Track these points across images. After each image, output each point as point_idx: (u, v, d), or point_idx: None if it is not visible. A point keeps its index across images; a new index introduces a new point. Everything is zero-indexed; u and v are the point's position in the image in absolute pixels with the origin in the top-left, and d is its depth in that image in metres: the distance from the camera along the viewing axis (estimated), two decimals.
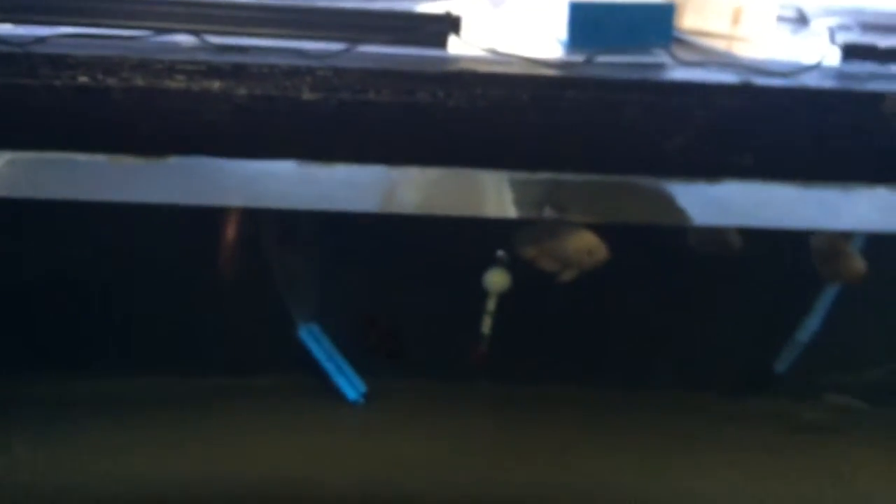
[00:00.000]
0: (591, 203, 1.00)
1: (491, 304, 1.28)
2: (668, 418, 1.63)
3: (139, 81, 0.90)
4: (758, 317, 1.62)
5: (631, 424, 1.61)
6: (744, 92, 0.95)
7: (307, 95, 0.92)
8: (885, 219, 1.02)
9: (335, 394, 1.63)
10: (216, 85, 0.91)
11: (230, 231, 1.58)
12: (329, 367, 1.64)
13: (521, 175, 0.97)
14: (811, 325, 1.60)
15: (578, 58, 0.99)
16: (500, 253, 1.24)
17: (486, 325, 1.30)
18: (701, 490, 1.44)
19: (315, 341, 1.65)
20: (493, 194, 0.99)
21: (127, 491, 1.35)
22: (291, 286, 1.61)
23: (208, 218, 1.50)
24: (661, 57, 1.03)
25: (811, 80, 0.99)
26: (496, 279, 1.26)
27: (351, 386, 1.65)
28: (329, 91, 0.92)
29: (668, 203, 1.01)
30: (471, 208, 1.00)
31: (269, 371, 1.66)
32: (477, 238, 1.21)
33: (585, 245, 1.18)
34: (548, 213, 1.00)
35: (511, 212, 1.00)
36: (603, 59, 1.00)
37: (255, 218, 1.56)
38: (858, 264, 1.37)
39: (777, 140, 0.97)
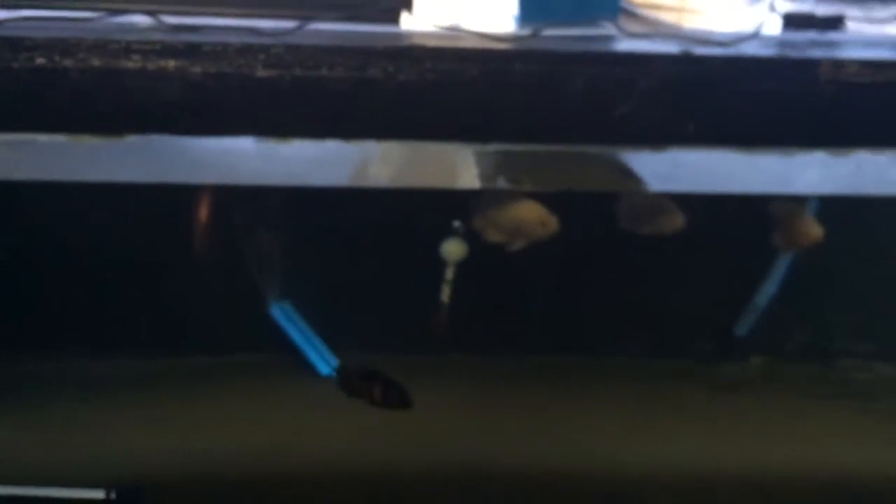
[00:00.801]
0: (543, 173, 1.03)
1: (449, 274, 1.31)
2: (638, 384, 1.67)
3: (96, 62, 0.92)
4: (719, 283, 1.66)
5: (602, 391, 1.65)
6: (685, 61, 0.99)
7: (261, 73, 0.94)
8: (824, 182, 1.06)
9: (309, 369, 1.66)
10: (171, 64, 0.93)
11: (199, 211, 1.60)
12: (302, 343, 1.67)
13: (474, 147, 1.00)
14: (769, 289, 1.64)
15: (526, 31, 1.02)
16: (457, 224, 1.27)
17: (446, 293, 1.33)
18: (673, 450, 1.48)
19: (287, 319, 1.68)
20: (448, 166, 1.02)
21: (105, 468, 1.37)
22: (262, 265, 1.63)
23: (177, 198, 1.52)
24: (608, 29, 1.06)
25: (751, 49, 1.02)
26: (453, 249, 1.29)
27: (324, 361, 1.68)
28: (282, 68, 0.95)
29: (619, 171, 1.05)
30: (427, 180, 1.03)
31: (244, 349, 1.69)
32: (435, 209, 1.24)
33: (537, 216, 1.22)
34: (502, 183, 1.03)
35: (466, 183, 1.03)
36: (550, 32, 1.03)
37: (223, 197, 1.58)
38: (815, 229, 1.41)
39: (718, 108, 1.01)
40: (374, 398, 1.56)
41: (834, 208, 1.45)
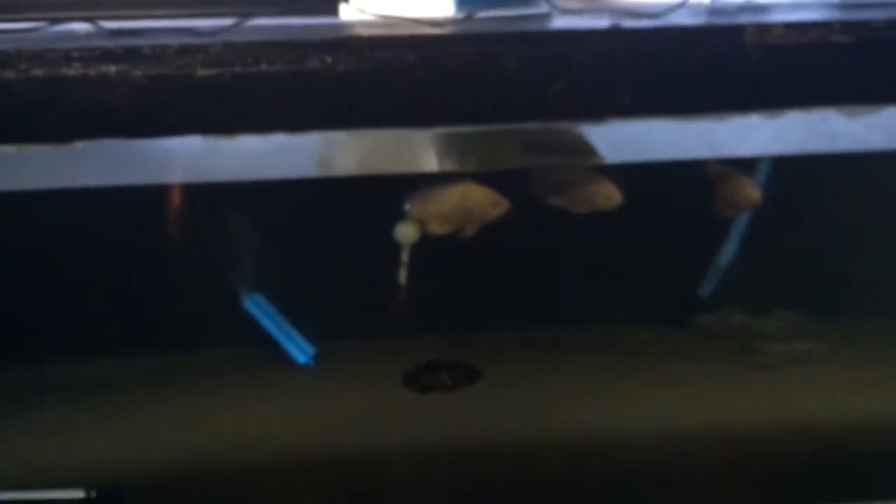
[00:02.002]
0: (487, 152, 1.05)
1: (404, 256, 1.33)
2: (606, 351, 1.69)
3: (37, 71, 0.94)
4: (681, 247, 1.69)
5: (569, 361, 1.67)
6: (616, 35, 1.01)
7: (201, 72, 0.96)
8: (761, 143, 1.09)
9: (286, 360, 1.68)
10: (112, 69, 0.95)
11: (166, 210, 1.61)
12: (277, 333, 1.68)
13: (417, 132, 1.03)
14: (730, 249, 1.67)
15: (461, 15, 1.04)
16: (408, 207, 1.29)
17: (402, 276, 1.36)
18: (644, 413, 1.50)
19: (261, 310, 1.69)
20: (394, 152, 1.05)
21: (82, 470, 1.38)
22: (232, 258, 1.65)
23: (143, 198, 1.52)
24: (541, 7, 1.09)
25: (680, 19, 1.05)
26: (406, 232, 1.32)
27: (300, 350, 1.69)
28: (222, 66, 0.97)
29: (562, 145, 1.07)
30: (374, 167, 1.05)
31: (219, 344, 1.69)
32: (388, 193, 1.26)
33: (486, 199, 1.24)
34: (448, 166, 1.05)
35: (414, 167, 1.06)
36: (485, 14, 1.05)
37: (189, 195, 1.58)
38: (752, 192, 1.44)
39: (653, 78, 1.03)
40: (445, 385, 1.57)
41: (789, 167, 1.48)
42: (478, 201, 1.25)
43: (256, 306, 1.68)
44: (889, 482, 1.30)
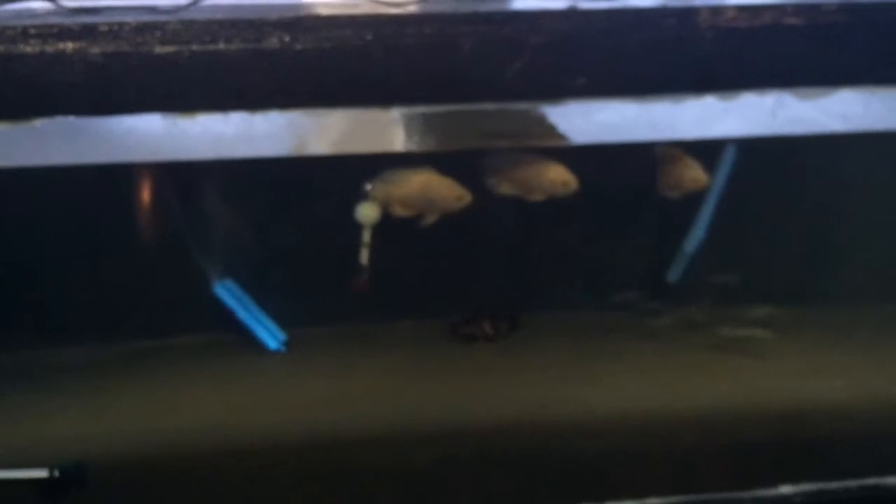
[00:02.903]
0: (444, 132, 1.06)
1: (366, 237, 1.34)
2: (573, 336, 1.70)
3: None
4: (648, 232, 1.70)
5: (541, 345, 1.68)
6: (572, 16, 1.02)
7: (159, 49, 0.97)
8: (716, 125, 1.10)
9: (257, 346, 1.68)
10: (70, 46, 0.95)
11: (134, 193, 1.60)
12: (248, 319, 1.68)
13: (375, 112, 1.03)
14: (696, 234, 1.68)
15: None
16: (369, 187, 1.30)
17: (364, 256, 1.36)
18: (610, 396, 1.50)
19: (232, 296, 1.69)
20: (352, 132, 1.06)
21: (50, 452, 1.37)
22: (202, 243, 1.64)
23: (110, 182, 1.52)
24: None
25: (635, 0, 1.06)
26: (367, 212, 1.33)
27: (271, 336, 1.69)
28: (180, 44, 0.97)
29: (519, 126, 1.08)
30: (332, 147, 1.06)
31: (190, 331, 1.69)
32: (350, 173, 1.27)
33: (450, 192, 1.26)
34: (406, 146, 1.06)
35: (372, 148, 1.07)
36: None
37: (157, 178, 1.58)
38: (697, 172, 1.44)
39: (608, 59, 1.05)
40: (487, 335, 1.58)
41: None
42: (441, 193, 1.26)
43: (227, 292, 1.68)
44: (851, 463, 1.32)
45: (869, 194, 1.70)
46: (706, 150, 1.42)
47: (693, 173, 1.43)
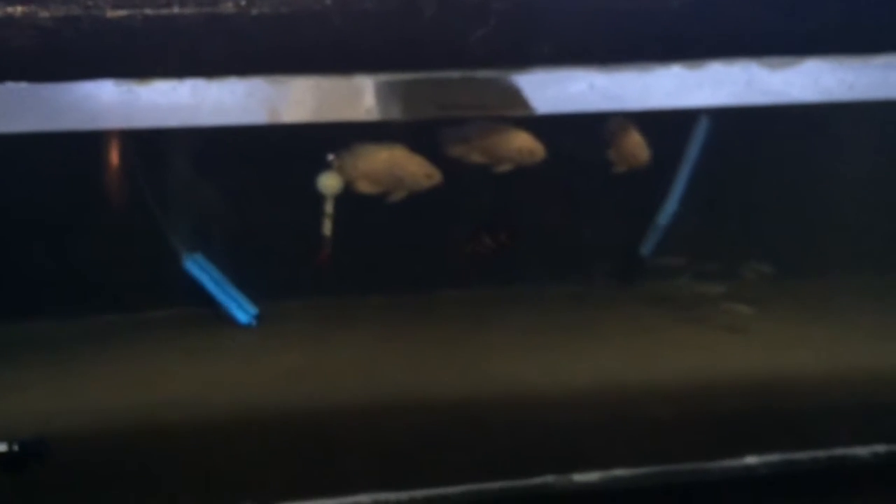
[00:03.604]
0: (407, 100, 1.04)
1: (329, 207, 1.32)
2: (544, 310, 1.71)
3: None
4: (622, 204, 1.70)
5: (515, 318, 1.68)
6: None
7: (111, 13, 0.94)
8: (684, 95, 1.09)
9: (227, 320, 1.67)
10: (18, 10, 0.93)
11: (102, 164, 1.58)
12: (218, 294, 1.67)
13: (335, 79, 1.01)
14: (669, 207, 1.68)
15: None
16: (331, 157, 1.28)
17: (327, 227, 1.35)
18: (580, 369, 1.51)
19: (201, 270, 1.67)
20: (312, 100, 1.03)
21: (15, 427, 1.36)
22: (170, 217, 1.62)
23: (76, 153, 1.49)
24: None
25: None
26: (329, 182, 1.31)
27: (242, 310, 1.68)
28: (132, 7, 0.95)
29: (483, 95, 1.06)
30: (292, 115, 1.04)
31: (159, 305, 1.68)
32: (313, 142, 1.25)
33: (420, 169, 1.24)
34: (368, 115, 1.04)
35: (334, 116, 1.04)
36: None
37: (124, 148, 1.55)
38: (641, 151, 1.42)
39: (574, 27, 1.03)
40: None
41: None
42: (410, 171, 1.24)
43: (197, 266, 1.66)
44: (821, 434, 1.32)
45: (844, 164, 1.70)
46: (671, 121, 1.40)
47: (637, 151, 1.40)
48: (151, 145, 1.50)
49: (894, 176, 1.68)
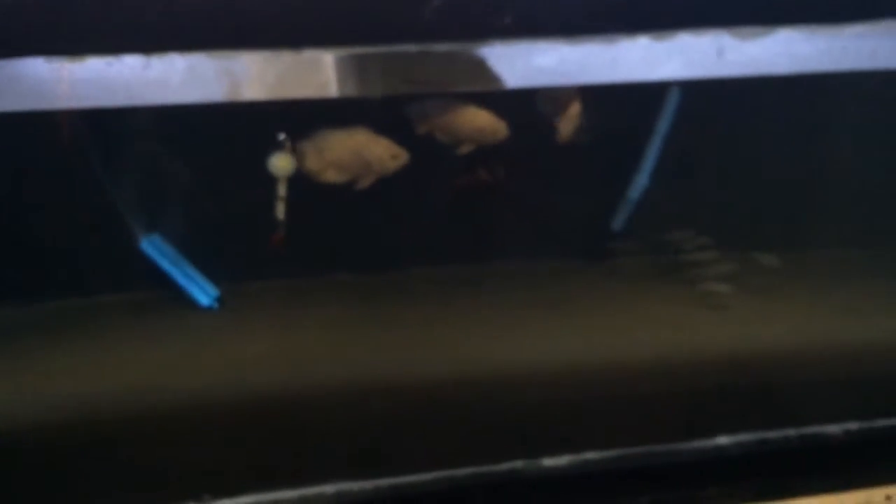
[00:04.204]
0: (365, 75, 0.99)
1: (281, 190, 1.27)
2: (516, 286, 1.68)
3: None
4: (591, 179, 1.66)
5: (487, 296, 1.65)
6: None
7: None
8: (651, 68, 1.04)
9: (188, 302, 1.62)
10: None
11: (50, 142, 1.51)
12: (178, 276, 1.62)
13: (287, 54, 0.95)
14: (640, 181, 1.64)
15: None
16: (282, 136, 1.22)
17: (280, 210, 1.29)
18: (556, 346, 1.48)
19: (159, 252, 1.62)
20: (261, 76, 0.98)
21: None
22: (126, 198, 1.57)
23: (27, 133, 1.43)
24: None
25: None
26: (281, 164, 1.25)
27: (203, 292, 1.63)
28: None
29: (444, 70, 1.01)
30: (242, 93, 0.98)
31: (117, 288, 1.62)
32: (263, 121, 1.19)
33: (385, 150, 1.19)
34: (327, 90, 0.98)
35: (287, 93, 0.99)
36: None
37: (78, 128, 1.49)
38: (565, 126, 1.37)
39: None
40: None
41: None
42: (377, 154, 1.19)
43: (154, 248, 1.61)
44: (796, 411, 1.31)
45: (819, 138, 1.66)
46: (641, 92, 1.35)
47: (565, 125, 1.35)
48: (104, 124, 1.43)
49: (871, 149, 1.65)
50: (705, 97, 1.48)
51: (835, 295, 1.63)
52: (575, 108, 1.33)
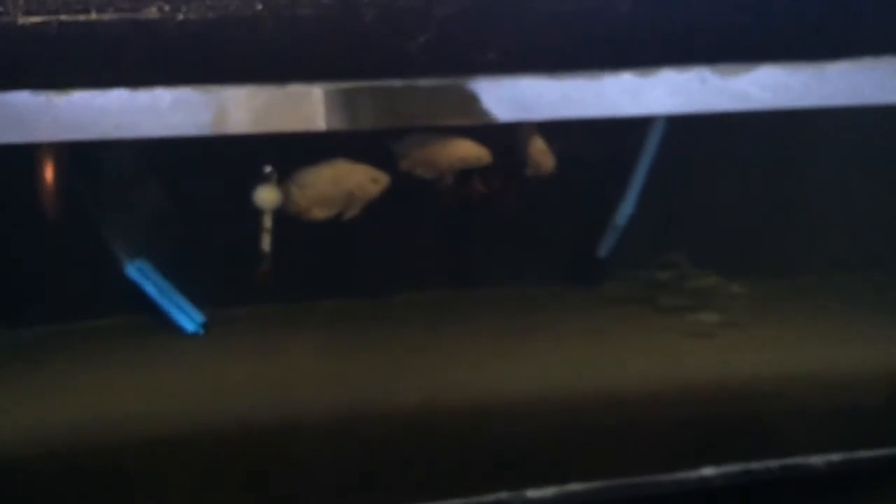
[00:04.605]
0: (347, 111, 0.99)
1: (267, 222, 1.27)
2: (501, 312, 1.67)
3: None
4: (577, 206, 1.67)
5: (473, 322, 1.63)
6: None
7: (23, 20, 0.88)
8: (636, 103, 1.05)
9: (173, 328, 1.61)
10: None
11: (36, 171, 1.51)
12: (163, 301, 1.61)
13: (270, 89, 0.96)
14: (626, 208, 1.65)
15: None
16: (268, 169, 1.22)
17: (265, 242, 1.29)
18: (539, 374, 1.47)
19: (145, 277, 1.61)
20: (245, 111, 0.98)
21: None
22: (111, 223, 1.56)
23: (9, 159, 1.43)
24: None
25: None
26: (267, 196, 1.25)
27: (188, 318, 1.62)
28: (47, 13, 0.88)
29: (431, 104, 1.02)
30: (225, 127, 0.98)
31: (101, 314, 1.61)
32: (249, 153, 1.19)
33: (365, 175, 1.19)
34: (310, 124, 0.99)
35: (271, 127, 0.99)
36: None
37: (60, 155, 1.49)
38: (545, 156, 1.37)
39: (521, 32, 0.98)
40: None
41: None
42: (356, 180, 1.19)
43: (139, 273, 1.60)
44: (778, 441, 1.31)
45: (808, 167, 1.68)
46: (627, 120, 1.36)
47: (541, 159, 1.35)
48: (90, 149, 1.43)
49: (856, 179, 1.67)
50: (693, 123, 1.48)
51: (821, 321, 1.63)
52: (537, 145, 1.33)
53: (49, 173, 1.50)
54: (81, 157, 1.47)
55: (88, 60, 0.91)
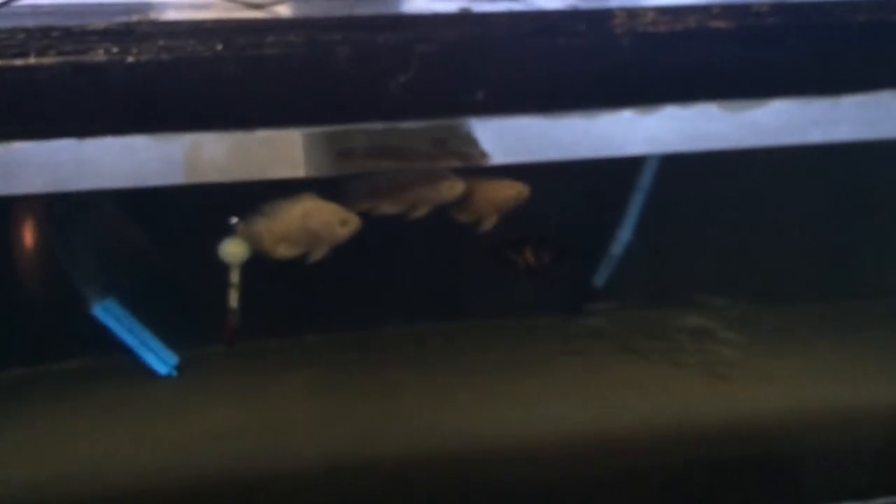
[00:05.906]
0: (316, 157, 0.90)
1: (234, 277, 1.17)
2: (493, 346, 1.59)
3: None
4: (573, 236, 1.61)
5: (464, 357, 1.56)
6: (464, 20, 0.87)
7: None
8: (635, 142, 0.97)
9: (145, 370, 1.54)
10: None
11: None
12: (133, 343, 1.54)
13: (234, 136, 0.87)
14: (623, 237, 1.58)
15: None
16: (235, 220, 1.13)
17: (233, 298, 1.20)
18: (531, 413, 1.42)
19: (114, 318, 1.53)
20: (202, 159, 0.89)
21: None
22: (77, 265, 1.49)
23: None
24: None
25: (539, 1, 0.91)
26: (233, 250, 1.15)
27: (160, 360, 1.55)
28: None
29: (407, 148, 0.93)
30: (174, 176, 0.89)
31: (70, 356, 1.53)
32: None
33: (333, 216, 1.08)
34: (272, 173, 0.90)
35: (230, 176, 0.90)
36: None
37: (24, 203, 1.41)
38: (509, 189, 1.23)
39: (510, 70, 0.90)
40: (528, 264, 1.42)
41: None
42: (323, 220, 1.08)
43: (108, 313, 1.52)
44: (788, 487, 1.24)
45: (802, 198, 1.62)
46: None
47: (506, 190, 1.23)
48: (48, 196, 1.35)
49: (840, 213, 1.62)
50: (684, 161, 1.43)
51: (828, 354, 1.56)
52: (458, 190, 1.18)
53: (16, 216, 1.43)
54: (48, 197, 1.39)
55: (27, 108, 0.82)
